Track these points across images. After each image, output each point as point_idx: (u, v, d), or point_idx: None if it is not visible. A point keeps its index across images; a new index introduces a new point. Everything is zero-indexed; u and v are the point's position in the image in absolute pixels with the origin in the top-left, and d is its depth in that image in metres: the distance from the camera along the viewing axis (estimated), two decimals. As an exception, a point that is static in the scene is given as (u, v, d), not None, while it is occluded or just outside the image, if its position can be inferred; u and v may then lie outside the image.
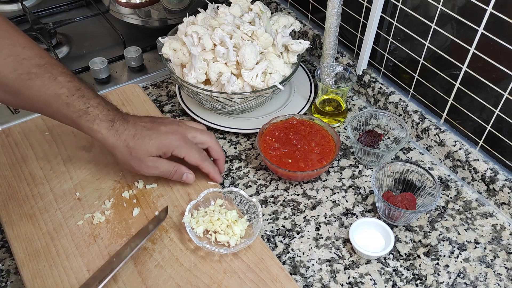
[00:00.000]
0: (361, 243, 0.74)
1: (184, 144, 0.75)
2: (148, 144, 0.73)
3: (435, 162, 0.89)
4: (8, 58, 0.65)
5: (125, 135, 0.72)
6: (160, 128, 0.75)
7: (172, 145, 0.74)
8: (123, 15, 1.17)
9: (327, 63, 0.98)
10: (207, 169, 0.78)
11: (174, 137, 0.75)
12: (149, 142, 0.73)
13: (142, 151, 0.73)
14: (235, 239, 0.71)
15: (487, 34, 0.73)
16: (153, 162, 0.74)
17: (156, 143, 0.73)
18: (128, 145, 0.72)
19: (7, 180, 0.81)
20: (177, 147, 0.74)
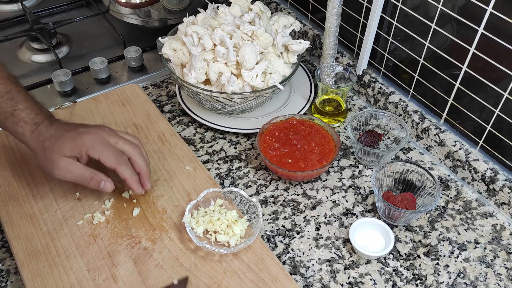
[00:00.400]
0: (361, 243, 0.74)
1: (99, 144, 0.71)
2: (62, 144, 0.70)
3: (435, 162, 0.89)
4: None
5: (43, 137, 0.70)
6: (79, 129, 0.72)
7: (86, 144, 0.70)
8: (123, 15, 1.17)
9: (327, 63, 0.98)
10: (123, 175, 0.72)
11: (90, 137, 0.71)
12: (64, 141, 0.70)
13: (55, 150, 0.69)
14: (235, 239, 0.71)
15: (487, 34, 0.73)
16: (66, 164, 0.70)
17: (70, 142, 0.70)
18: (43, 145, 0.70)
19: (7, 180, 0.81)
20: (91, 147, 0.70)
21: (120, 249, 0.72)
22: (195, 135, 0.94)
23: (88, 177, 0.71)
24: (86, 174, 0.71)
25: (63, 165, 0.70)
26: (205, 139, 0.93)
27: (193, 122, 0.97)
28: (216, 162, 0.89)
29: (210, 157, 0.90)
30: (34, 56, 1.12)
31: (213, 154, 0.90)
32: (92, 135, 0.71)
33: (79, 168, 0.71)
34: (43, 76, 1.05)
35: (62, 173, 0.71)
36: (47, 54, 1.11)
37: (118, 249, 0.71)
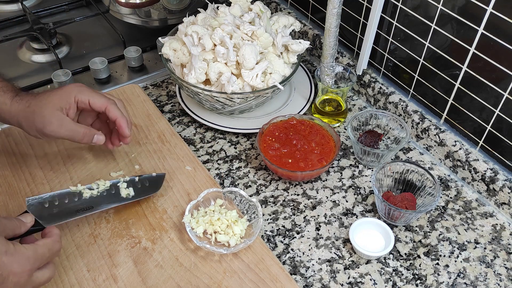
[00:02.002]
0: (361, 243, 0.74)
1: (86, 89, 0.73)
2: (49, 97, 0.70)
3: (435, 162, 0.89)
4: None
5: (26, 99, 0.71)
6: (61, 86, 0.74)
7: (73, 91, 0.71)
8: (123, 15, 1.17)
9: (327, 63, 0.98)
10: (114, 113, 0.73)
11: (75, 85, 0.73)
12: (51, 94, 0.71)
13: (45, 104, 0.70)
14: (235, 239, 0.71)
15: (487, 34, 0.73)
16: (58, 119, 0.70)
17: (58, 92, 0.71)
18: (30, 104, 0.70)
19: (7, 180, 0.81)
20: (79, 92, 0.72)
21: (120, 249, 0.72)
22: (195, 135, 0.94)
23: (82, 132, 0.72)
24: (79, 129, 0.72)
25: (55, 121, 0.70)
26: (205, 139, 0.93)
27: (193, 122, 0.97)
28: (216, 162, 0.89)
29: (210, 157, 0.90)
30: (34, 56, 1.12)
31: (213, 154, 0.90)
32: (76, 85, 0.73)
33: (71, 123, 0.71)
34: (43, 76, 1.05)
35: (55, 129, 0.70)
36: (47, 54, 1.11)
37: (118, 249, 0.71)
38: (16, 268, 0.56)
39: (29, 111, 0.70)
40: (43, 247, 0.60)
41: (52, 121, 0.69)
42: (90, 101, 0.72)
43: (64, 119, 0.71)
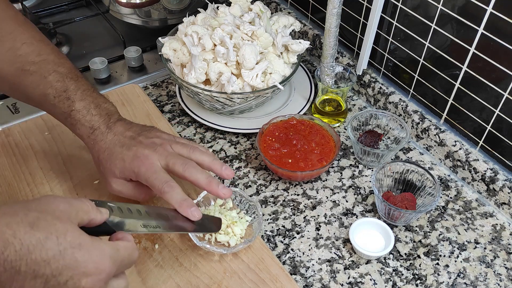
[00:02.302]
0: (361, 243, 0.74)
1: (147, 171, 0.65)
2: (112, 164, 0.67)
3: (435, 162, 0.89)
4: (8, 52, 0.65)
5: (98, 146, 0.67)
6: (132, 148, 0.66)
7: (134, 171, 0.66)
8: (123, 15, 1.17)
9: (327, 63, 0.98)
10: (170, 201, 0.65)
11: (139, 163, 0.65)
12: (115, 162, 0.66)
13: (107, 170, 0.68)
14: (235, 239, 0.71)
15: (487, 34, 0.73)
16: (118, 186, 0.68)
17: (120, 165, 0.66)
18: (98, 158, 0.68)
19: (7, 180, 0.81)
20: (139, 174, 0.65)
21: (120, 249, 0.72)
22: (195, 135, 0.94)
23: (140, 197, 0.71)
24: (137, 196, 0.70)
25: (115, 187, 0.68)
26: (205, 139, 0.93)
27: (193, 122, 0.97)
28: (216, 162, 0.89)
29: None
30: (34, 56, 1.12)
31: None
32: (142, 160, 0.65)
33: (130, 190, 0.69)
34: (43, 76, 1.05)
35: (114, 192, 0.69)
36: (47, 54, 1.11)
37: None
38: (92, 268, 0.44)
39: (97, 163, 0.69)
40: (124, 250, 0.49)
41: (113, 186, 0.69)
42: (148, 184, 0.66)
43: (123, 186, 0.69)
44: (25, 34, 0.67)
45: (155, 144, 0.67)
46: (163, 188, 0.64)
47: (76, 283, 0.43)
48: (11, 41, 0.66)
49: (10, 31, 0.66)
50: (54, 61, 0.68)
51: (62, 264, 0.42)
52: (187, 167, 0.66)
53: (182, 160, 0.67)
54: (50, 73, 0.67)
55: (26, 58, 0.66)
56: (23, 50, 0.66)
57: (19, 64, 0.66)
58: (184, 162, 0.66)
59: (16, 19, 0.68)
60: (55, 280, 0.42)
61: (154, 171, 0.65)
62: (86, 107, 0.68)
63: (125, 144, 0.67)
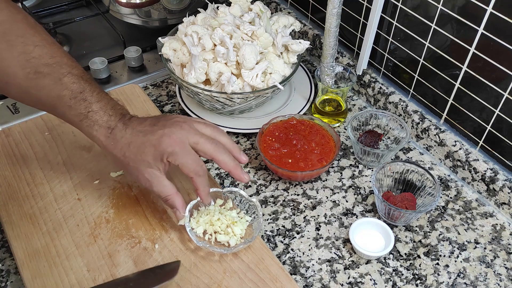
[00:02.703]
0: (361, 243, 0.74)
1: (180, 150, 0.66)
2: (143, 153, 0.67)
3: (435, 162, 0.89)
4: (20, 56, 0.65)
5: (121, 144, 0.67)
6: (157, 132, 0.67)
7: (166, 151, 0.66)
8: (123, 15, 1.17)
9: (327, 63, 0.98)
10: (197, 186, 0.69)
11: (170, 142, 0.66)
12: (145, 150, 0.66)
13: (139, 161, 0.67)
14: (235, 239, 0.71)
15: (487, 34, 0.73)
16: (150, 177, 0.68)
17: (151, 150, 0.66)
18: (124, 154, 0.67)
19: (7, 180, 0.81)
20: (171, 154, 0.66)
21: (120, 249, 0.72)
22: (195, 135, 0.94)
23: (165, 196, 0.70)
24: (164, 193, 0.69)
25: (147, 177, 0.68)
26: (205, 139, 0.93)
27: (193, 122, 0.96)
28: (216, 162, 0.89)
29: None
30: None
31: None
32: (172, 138, 0.67)
33: (160, 184, 0.69)
34: (43, 76, 1.05)
35: (145, 184, 0.69)
36: (47, 54, 1.11)
37: (118, 249, 0.71)
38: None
39: (124, 161, 0.68)
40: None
41: (145, 178, 0.68)
42: (179, 166, 0.67)
43: (155, 179, 0.68)
44: (37, 36, 0.67)
45: (179, 122, 0.69)
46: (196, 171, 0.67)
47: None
48: (22, 45, 0.65)
49: (21, 35, 0.66)
50: (67, 63, 0.68)
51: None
52: (217, 147, 0.69)
53: (211, 140, 0.69)
54: (65, 75, 0.66)
55: (39, 61, 0.65)
56: (36, 53, 0.65)
57: (32, 67, 0.65)
58: (214, 142, 0.68)
59: (26, 21, 0.68)
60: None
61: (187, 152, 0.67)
62: (103, 108, 0.68)
63: (148, 132, 0.67)
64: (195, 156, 0.68)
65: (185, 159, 0.67)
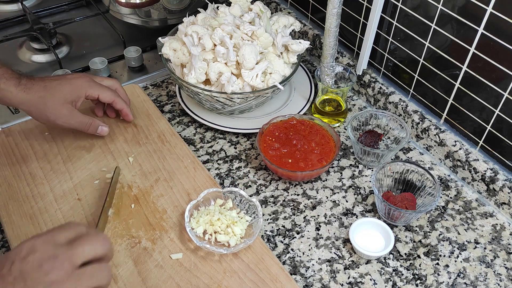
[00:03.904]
0: (361, 243, 0.74)
1: (94, 84, 0.80)
2: (61, 90, 0.75)
3: (435, 162, 0.89)
4: None
5: (35, 89, 0.74)
6: (67, 77, 0.79)
7: (83, 86, 0.78)
8: (123, 15, 1.17)
9: (327, 63, 0.98)
10: (121, 105, 0.84)
11: (84, 79, 0.79)
12: (61, 88, 0.75)
13: (56, 98, 0.75)
14: (235, 239, 0.71)
15: (487, 34, 0.73)
16: (69, 111, 0.77)
17: (69, 87, 0.77)
18: (41, 95, 0.74)
19: (7, 180, 0.81)
20: (90, 87, 0.79)
21: (120, 249, 0.72)
22: (195, 135, 0.94)
23: (87, 123, 0.81)
24: (86, 120, 0.80)
25: (66, 112, 0.77)
26: (205, 139, 0.93)
27: (193, 122, 0.97)
28: (216, 162, 0.89)
29: (210, 157, 0.90)
30: (34, 56, 1.12)
31: (213, 154, 0.90)
32: (83, 78, 0.80)
33: (79, 115, 0.79)
34: (43, 76, 1.05)
35: (66, 120, 0.77)
36: (47, 54, 1.11)
37: (118, 249, 0.71)
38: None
39: (40, 102, 0.75)
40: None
41: (64, 113, 0.76)
42: (100, 96, 0.81)
43: (73, 112, 0.78)
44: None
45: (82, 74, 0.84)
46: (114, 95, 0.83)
47: None
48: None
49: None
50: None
51: None
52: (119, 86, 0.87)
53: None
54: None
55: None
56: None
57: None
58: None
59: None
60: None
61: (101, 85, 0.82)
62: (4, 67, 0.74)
63: (59, 78, 0.78)
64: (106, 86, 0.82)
65: (101, 89, 0.81)
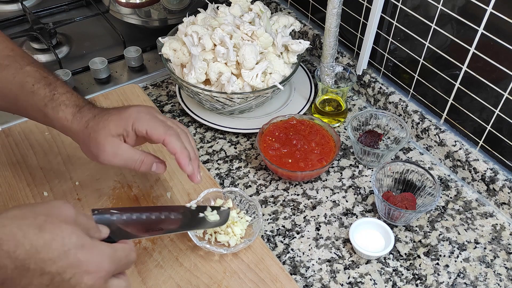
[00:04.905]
0: (361, 243, 0.74)
1: (146, 115, 0.63)
2: (106, 121, 0.63)
3: (435, 162, 0.89)
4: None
5: (87, 117, 0.64)
6: (124, 106, 0.66)
7: (131, 116, 0.63)
8: (123, 15, 1.17)
9: (327, 63, 0.98)
10: (173, 146, 0.63)
11: (136, 109, 0.64)
12: (108, 118, 0.63)
13: (100, 129, 0.62)
14: (235, 239, 0.71)
15: (487, 34, 0.73)
16: (113, 147, 0.62)
17: (115, 117, 0.63)
18: (87, 125, 0.63)
19: (7, 180, 0.81)
20: (137, 119, 0.63)
21: (120, 249, 0.72)
22: (195, 135, 0.94)
23: (138, 159, 0.64)
24: (136, 157, 0.64)
25: (110, 149, 0.62)
26: (205, 139, 0.93)
27: (193, 122, 0.97)
28: (216, 162, 0.89)
29: (210, 157, 0.90)
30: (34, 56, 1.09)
31: (213, 154, 0.90)
32: (139, 107, 0.65)
33: (127, 150, 0.63)
34: (43, 76, 1.05)
35: (109, 158, 0.63)
36: (47, 54, 1.11)
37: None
38: (93, 267, 0.46)
39: (86, 134, 0.63)
40: (122, 251, 0.51)
41: (106, 149, 0.62)
42: (148, 132, 0.63)
43: (119, 147, 0.63)
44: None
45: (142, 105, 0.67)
46: (168, 132, 0.63)
47: (79, 280, 0.46)
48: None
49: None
50: (27, 56, 0.69)
51: (66, 263, 0.45)
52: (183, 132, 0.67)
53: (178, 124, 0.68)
54: (27, 64, 0.67)
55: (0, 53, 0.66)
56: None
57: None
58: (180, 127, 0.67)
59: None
60: (60, 277, 0.45)
61: (156, 119, 0.64)
62: (68, 91, 0.66)
63: (116, 108, 0.66)
64: (162, 121, 0.65)
65: (152, 123, 0.63)
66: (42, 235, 0.45)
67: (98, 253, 0.48)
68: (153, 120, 0.64)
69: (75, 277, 0.46)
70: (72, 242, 0.46)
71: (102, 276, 0.47)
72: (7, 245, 0.43)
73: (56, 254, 0.45)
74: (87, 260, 0.46)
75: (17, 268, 0.44)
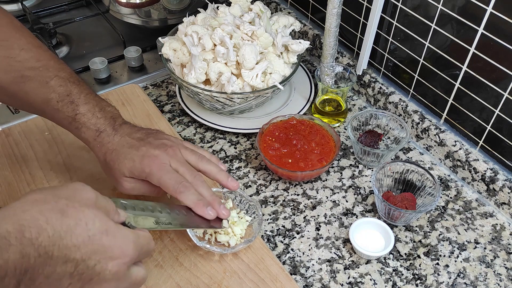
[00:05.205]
0: (361, 243, 0.74)
1: (158, 171, 0.64)
2: (121, 164, 0.65)
3: (435, 162, 0.89)
4: (3, 60, 0.64)
5: (105, 148, 0.66)
6: (141, 148, 0.66)
7: (144, 171, 0.64)
8: (123, 15, 1.17)
9: (327, 63, 0.98)
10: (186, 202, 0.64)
11: (149, 162, 0.64)
12: (123, 161, 0.65)
13: (116, 170, 0.65)
14: (235, 239, 0.71)
15: (487, 34, 0.73)
16: (130, 184, 0.66)
17: (130, 165, 0.65)
18: (105, 160, 0.66)
19: (7, 180, 0.81)
20: (149, 174, 0.64)
21: (120, 249, 0.72)
22: (195, 135, 0.94)
23: (155, 191, 0.68)
24: (151, 191, 0.68)
25: (127, 185, 0.66)
26: (205, 139, 0.93)
27: (193, 122, 0.97)
28: (216, 162, 0.89)
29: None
30: (34, 56, 1.12)
31: (213, 154, 0.90)
32: (152, 160, 0.65)
33: (142, 186, 0.67)
34: (43, 76, 1.05)
35: (127, 191, 0.67)
36: (47, 54, 1.11)
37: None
38: (117, 253, 0.46)
39: (104, 165, 0.67)
40: (144, 238, 0.50)
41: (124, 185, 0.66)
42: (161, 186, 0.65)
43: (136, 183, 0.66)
44: (22, 40, 0.66)
45: (165, 145, 0.67)
46: (178, 188, 0.63)
47: (103, 267, 0.45)
48: (7, 49, 0.65)
49: (5, 38, 0.65)
50: (54, 66, 0.67)
51: (90, 249, 0.44)
52: (196, 180, 0.66)
53: (191, 172, 0.66)
54: (52, 78, 0.66)
55: (24, 64, 0.65)
56: (22, 57, 0.65)
57: (17, 71, 0.65)
58: (193, 175, 0.66)
59: (12, 25, 0.67)
60: (84, 264, 0.44)
61: (167, 171, 0.64)
62: (90, 110, 0.67)
63: (134, 145, 0.66)
64: (175, 175, 0.65)
65: (163, 178, 0.64)
66: (65, 220, 0.43)
67: (122, 238, 0.47)
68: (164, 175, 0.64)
69: (99, 263, 0.44)
70: (96, 227, 0.45)
71: (126, 262, 0.47)
72: (29, 231, 0.41)
73: (80, 239, 0.43)
74: (111, 245, 0.45)
75: (41, 256, 0.41)
